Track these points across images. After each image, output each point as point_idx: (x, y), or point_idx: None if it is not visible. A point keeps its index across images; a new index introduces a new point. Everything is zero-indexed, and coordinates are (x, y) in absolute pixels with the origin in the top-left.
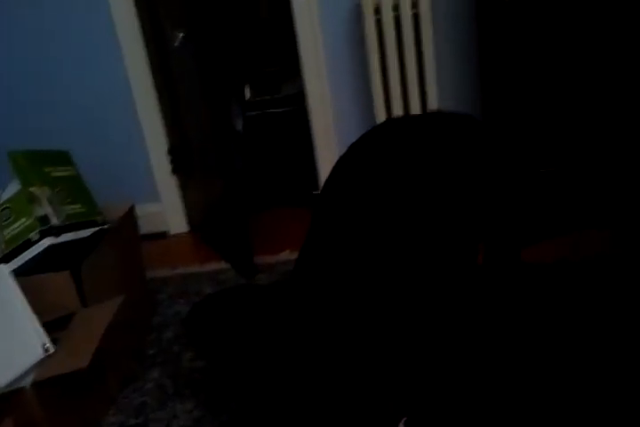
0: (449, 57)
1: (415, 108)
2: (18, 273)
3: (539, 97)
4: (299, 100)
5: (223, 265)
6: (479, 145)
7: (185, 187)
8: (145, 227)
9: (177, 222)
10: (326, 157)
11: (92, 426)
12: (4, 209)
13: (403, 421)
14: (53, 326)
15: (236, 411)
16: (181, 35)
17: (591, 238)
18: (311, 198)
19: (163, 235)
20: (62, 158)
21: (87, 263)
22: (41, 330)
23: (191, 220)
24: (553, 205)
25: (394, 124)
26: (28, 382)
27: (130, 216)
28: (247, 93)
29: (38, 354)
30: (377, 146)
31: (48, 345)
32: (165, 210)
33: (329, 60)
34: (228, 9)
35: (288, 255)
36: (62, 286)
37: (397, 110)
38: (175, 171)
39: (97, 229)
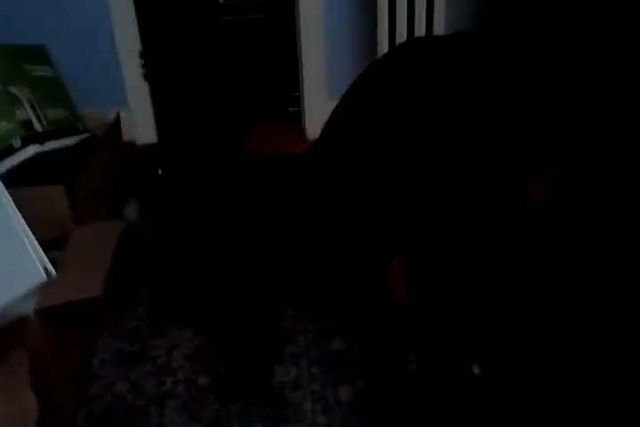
0: None
1: (420, 29)
2: None
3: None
4: (276, 7)
5: None
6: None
7: (156, 95)
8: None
9: (145, 133)
10: (313, 74)
11: (88, 352)
12: None
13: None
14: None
15: (235, 340)
16: None
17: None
18: (288, 115)
19: (130, 145)
20: (40, 56)
21: (80, 178)
22: (40, 250)
23: (160, 131)
24: None
25: (421, 43)
26: (29, 308)
27: (117, 126)
28: None
29: (40, 277)
30: (405, 66)
31: (49, 268)
32: (134, 118)
33: None
34: None
35: None
36: (55, 201)
37: (401, 32)
38: (147, 76)
39: (82, 137)
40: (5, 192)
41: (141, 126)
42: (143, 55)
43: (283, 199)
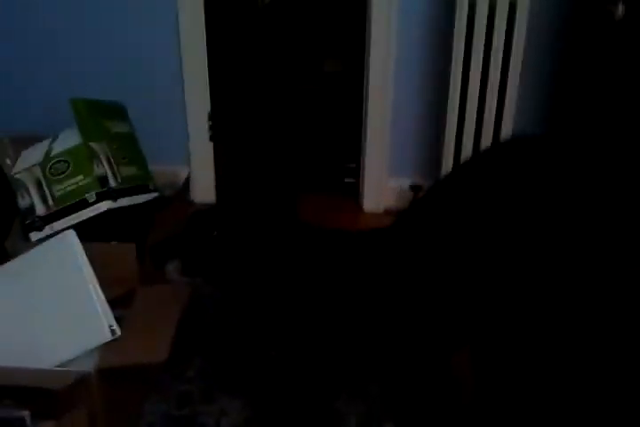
0: (535, 65)
1: (490, 109)
2: None
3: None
4: (341, 79)
5: None
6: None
7: (219, 155)
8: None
9: (204, 192)
10: (375, 149)
11: (137, 414)
12: (59, 162)
13: None
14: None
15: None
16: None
17: None
18: (343, 186)
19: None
20: (119, 112)
21: (151, 237)
22: (108, 308)
23: (219, 190)
24: None
25: (516, 145)
26: (90, 365)
27: (186, 187)
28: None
29: (105, 336)
30: (500, 168)
31: (115, 327)
32: (195, 177)
33: (400, 43)
34: None
35: None
36: (125, 259)
37: (471, 111)
38: (213, 138)
39: (152, 196)
40: (81, 247)
41: (201, 186)
42: (211, 117)
43: (349, 277)
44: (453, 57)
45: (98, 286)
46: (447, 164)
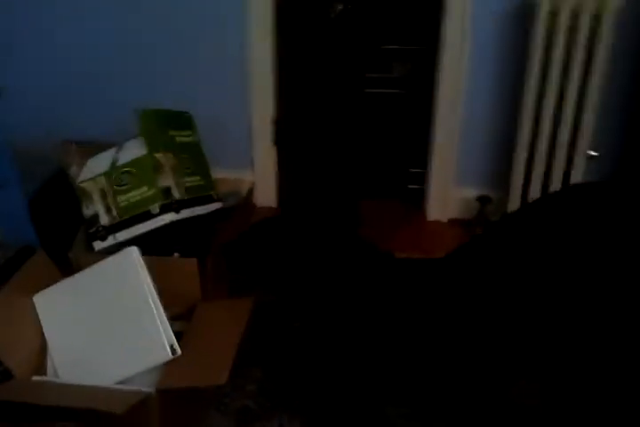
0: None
1: (567, 121)
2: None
3: None
4: (409, 83)
5: None
6: None
7: (282, 160)
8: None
9: (266, 195)
10: (444, 157)
11: None
12: (124, 173)
13: None
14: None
15: None
16: (340, 6)
17: None
18: (405, 192)
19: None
20: (185, 121)
21: (213, 253)
22: (169, 327)
23: (281, 195)
24: None
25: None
26: (151, 383)
27: (249, 198)
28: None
29: (165, 355)
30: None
31: (175, 346)
32: (257, 182)
33: (473, 56)
34: None
35: None
36: (187, 275)
37: (544, 128)
38: (276, 142)
39: (215, 206)
40: (143, 263)
41: (263, 190)
42: (277, 122)
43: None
44: (528, 71)
45: (159, 304)
46: (517, 178)
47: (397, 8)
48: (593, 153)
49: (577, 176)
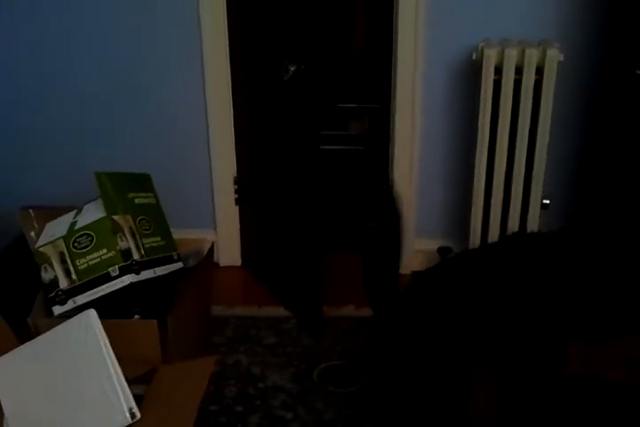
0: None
1: (519, 173)
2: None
3: None
4: (366, 141)
5: (283, 312)
6: None
7: (244, 218)
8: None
9: (230, 255)
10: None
11: None
12: (83, 236)
13: None
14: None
15: None
16: (293, 68)
17: None
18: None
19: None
20: (144, 183)
21: (173, 313)
22: (128, 391)
23: (244, 254)
24: None
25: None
26: None
27: (210, 257)
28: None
29: (124, 420)
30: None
31: (135, 410)
32: (220, 240)
33: (425, 111)
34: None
35: (353, 311)
36: (147, 337)
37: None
38: (239, 201)
39: (175, 267)
40: (101, 326)
41: (226, 249)
42: (238, 181)
43: None
44: (479, 124)
45: (118, 367)
46: (475, 229)
47: (352, 67)
48: (546, 201)
49: (533, 223)
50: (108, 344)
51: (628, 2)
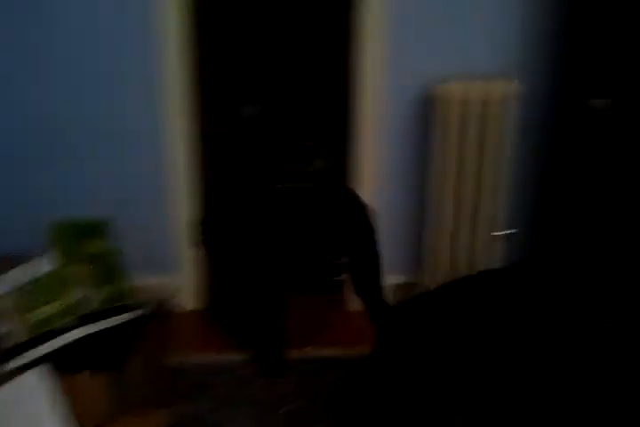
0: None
1: (466, 204)
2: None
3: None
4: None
5: (242, 357)
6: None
7: (205, 262)
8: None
9: (192, 299)
10: None
11: None
12: (36, 288)
13: None
14: None
15: None
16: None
17: None
18: (331, 285)
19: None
20: (99, 231)
21: (127, 365)
22: None
23: (206, 297)
24: None
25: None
26: None
27: (169, 303)
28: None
29: None
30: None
31: None
32: (182, 284)
33: (384, 145)
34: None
35: (312, 352)
36: (96, 392)
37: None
38: (196, 245)
39: (132, 316)
40: (49, 384)
41: (189, 293)
42: (201, 223)
43: None
44: (437, 159)
45: (67, 423)
46: (440, 263)
47: (313, 106)
48: (510, 231)
49: (496, 254)
50: (57, 401)
51: (580, 36)
